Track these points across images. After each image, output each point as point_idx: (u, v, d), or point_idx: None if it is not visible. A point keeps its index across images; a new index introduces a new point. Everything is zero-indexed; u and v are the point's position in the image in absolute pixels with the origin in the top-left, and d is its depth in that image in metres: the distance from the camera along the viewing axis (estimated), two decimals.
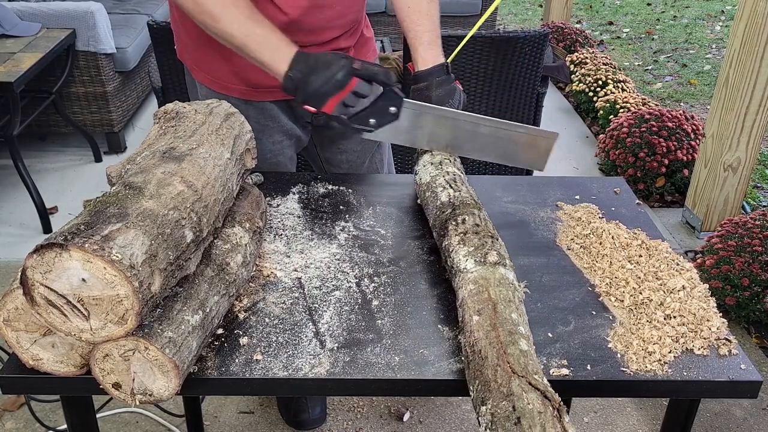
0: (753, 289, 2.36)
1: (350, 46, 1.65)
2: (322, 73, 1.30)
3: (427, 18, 1.52)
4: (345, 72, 1.30)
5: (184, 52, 1.64)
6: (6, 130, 2.85)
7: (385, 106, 1.35)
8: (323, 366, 1.04)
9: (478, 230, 1.19)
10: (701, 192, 2.97)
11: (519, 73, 2.50)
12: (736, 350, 1.09)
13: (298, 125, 1.71)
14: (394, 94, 1.35)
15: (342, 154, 1.79)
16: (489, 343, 0.96)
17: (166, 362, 0.93)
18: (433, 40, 1.52)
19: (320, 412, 2.07)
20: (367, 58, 1.73)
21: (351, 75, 1.30)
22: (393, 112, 1.35)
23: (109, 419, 2.06)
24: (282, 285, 1.21)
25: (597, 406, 2.16)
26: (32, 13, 3.23)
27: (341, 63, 1.30)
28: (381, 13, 4.25)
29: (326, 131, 1.74)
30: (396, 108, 1.36)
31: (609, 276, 1.23)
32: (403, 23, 1.55)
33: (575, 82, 4.24)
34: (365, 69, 1.31)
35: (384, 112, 1.35)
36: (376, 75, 1.32)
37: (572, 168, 3.61)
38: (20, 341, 0.98)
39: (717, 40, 5.80)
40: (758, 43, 2.59)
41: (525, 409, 0.85)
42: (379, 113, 1.35)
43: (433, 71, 1.49)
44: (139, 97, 3.83)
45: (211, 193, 1.09)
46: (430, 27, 1.52)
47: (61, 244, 0.84)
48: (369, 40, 1.73)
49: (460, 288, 1.11)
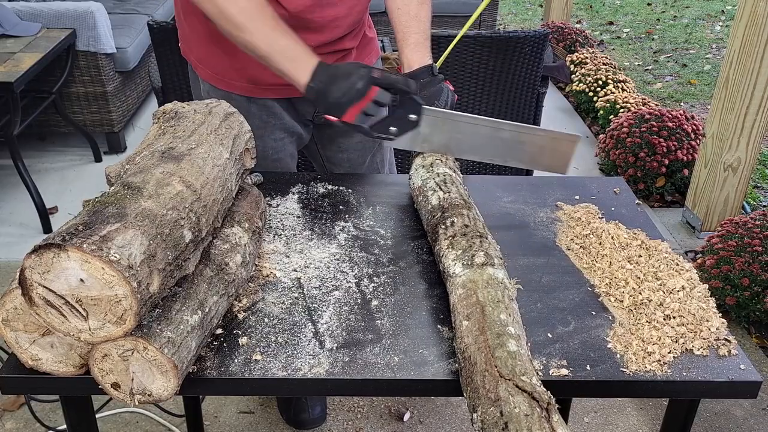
0: (753, 289, 2.36)
1: (354, 46, 1.65)
2: (342, 83, 1.31)
3: (416, 20, 1.52)
4: (365, 81, 1.31)
5: (187, 48, 1.64)
6: (6, 130, 2.85)
7: (405, 114, 1.36)
8: (322, 366, 1.04)
9: (467, 231, 1.19)
10: (701, 192, 2.97)
11: (519, 73, 2.49)
12: (735, 350, 1.09)
13: (300, 123, 1.71)
14: (414, 102, 1.36)
15: (343, 153, 1.79)
16: (478, 348, 0.96)
17: (165, 362, 0.93)
18: (421, 41, 1.52)
19: (320, 412, 2.07)
20: (370, 59, 1.73)
21: (370, 84, 1.31)
22: (413, 119, 1.36)
23: (109, 419, 2.06)
24: (281, 285, 1.21)
25: (597, 406, 2.16)
26: (32, 13, 3.23)
27: (361, 72, 1.31)
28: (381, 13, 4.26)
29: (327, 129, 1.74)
30: (416, 116, 1.37)
31: (609, 276, 1.23)
32: (393, 25, 1.56)
33: (575, 82, 4.24)
34: (385, 78, 1.33)
35: (404, 120, 1.36)
36: (396, 83, 1.33)
37: (572, 168, 3.61)
38: (19, 341, 0.98)
39: (717, 40, 5.80)
40: (758, 44, 2.59)
41: (512, 413, 0.85)
42: (399, 121, 1.36)
43: (417, 73, 1.49)
44: (139, 97, 3.83)
45: (210, 193, 1.09)
46: (419, 29, 1.52)
47: (59, 244, 0.84)
48: (372, 41, 1.74)
49: (451, 293, 1.12)
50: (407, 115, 1.37)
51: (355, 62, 1.39)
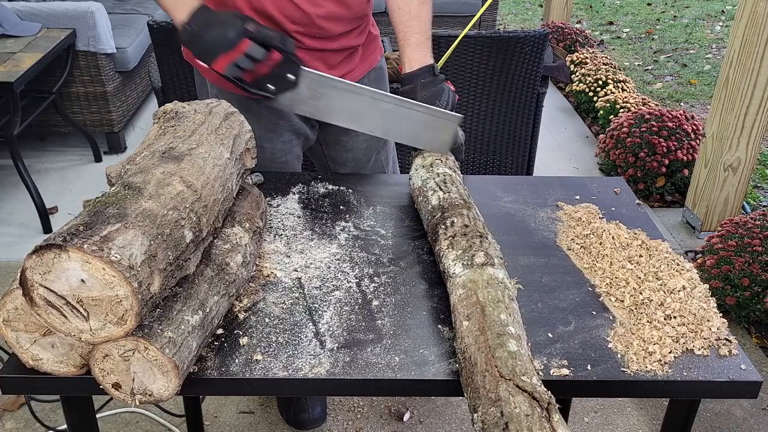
0: (753, 289, 2.36)
1: (360, 44, 1.65)
2: (214, 29, 1.30)
3: (417, 20, 1.52)
4: (237, 33, 1.30)
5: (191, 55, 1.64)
6: (6, 130, 2.85)
7: (283, 73, 1.35)
8: (323, 366, 1.04)
9: (467, 231, 1.19)
10: (701, 192, 2.97)
11: (519, 73, 2.50)
12: (736, 350, 1.09)
13: (308, 124, 1.71)
14: (292, 62, 1.35)
15: (347, 153, 1.80)
16: (478, 348, 0.96)
17: (166, 362, 0.93)
18: (422, 41, 1.51)
19: (320, 412, 2.07)
20: (375, 56, 1.73)
21: (242, 36, 1.30)
22: (291, 79, 1.35)
23: (109, 419, 2.06)
24: (282, 285, 1.21)
25: (597, 406, 2.16)
26: (32, 13, 3.23)
27: (235, 23, 1.31)
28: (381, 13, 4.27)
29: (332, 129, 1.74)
30: (293, 75, 1.36)
31: (609, 276, 1.23)
32: (394, 25, 1.55)
33: (575, 82, 4.24)
34: (259, 32, 1.31)
35: (282, 79, 1.35)
36: (271, 40, 1.32)
37: (572, 168, 3.61)
38: (20, 341, 0.98)
39: (717, 40, 5.80)
40: (758, 44, 2.59)
41: (512, 413, 0.85)
42: (277, 79, 1.35)
43: (418, 73, 1.48)
44: (139, 97, 3.83)
45: (210, 193, 1.09)
46: (420, 29, 1.52)
47: (60, 244, 0.84)
48: (376, 38, 1.74)
49: (451, 293, 1.12)
50: (285, 74, 1.36)
51: (235, 12, 1.37)
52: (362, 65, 1.70)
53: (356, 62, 1.68)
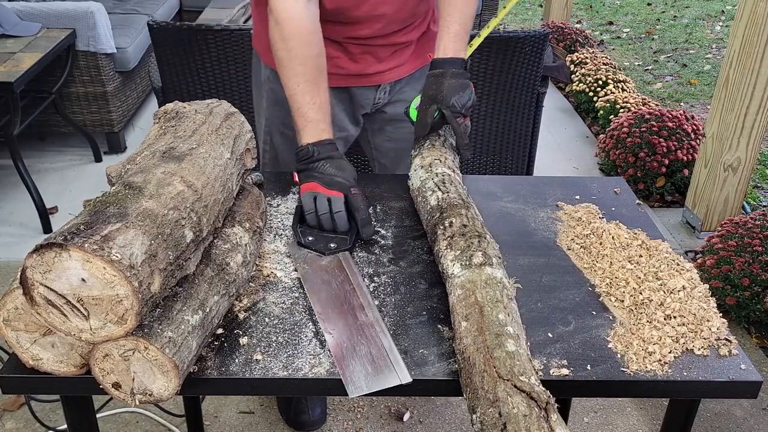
0: (753, 289, 2.36)
1: (412, 40, 1.68)
2: (332, 164, 1.35)
3: (461, 12, 1.52)
4: (342, 183, 1.33)
5: (257, 36, 1.71)
6: (6, 130, 2.85)
7: (331, 239, 1.31)
8: (323, 366, 1.04)
9: (465, 231, 1.19)
10: (701, 192, 2.97)
11: (519, 73, 2.49)
12: (736, 350, 1.09)
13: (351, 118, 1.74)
14: (347, 241, 1.31)
15: (390, 142, 1.83)
16: (476, 348, 0.96)
17: (166, 362, 0.93)
18: (461, 34, 1.51)
19: (320, 414, 2.07)
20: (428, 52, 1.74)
21: (342, 189, 1.32)
22: (332, 248, 1.30)
23: (109, 419, 2.06)
24: (282, 285, 1.21)
25: (597, 406, 2.16)
26: (32, 13, 3.23)
27: (349, 175, 1.35)
28: None
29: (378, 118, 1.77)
30: (337, 246, 1.30)
31: (609, 276, 1.23)
32: (438, 12, 1.57)
33: (575, 82, 4.24)
34: (355, 200, 1.33)
35: (326, 241, 1.31)
36: (356, 211, 1.32)
37: (572, 168, 3.61)
38: (20, 341, 0.98)
39: (717, 40, 5.80)
40: (758, 44, 2.59)
41: (510, 414, 0.85)
42: (323, 239, 1.31)
43: (452, 61, 1.48)
44: (139, 97, 3.83)
45: (211, 193, 1.09)
46: (462, 21, 1.52)
47: (61, 244, 0.84)
48: (435, 36, 1.74)
49: (450, 294, 1.12)
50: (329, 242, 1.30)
51: (352, 168, 1.39)
52: (414, 61, 1.72)
53: (407, 57, 1.70)
